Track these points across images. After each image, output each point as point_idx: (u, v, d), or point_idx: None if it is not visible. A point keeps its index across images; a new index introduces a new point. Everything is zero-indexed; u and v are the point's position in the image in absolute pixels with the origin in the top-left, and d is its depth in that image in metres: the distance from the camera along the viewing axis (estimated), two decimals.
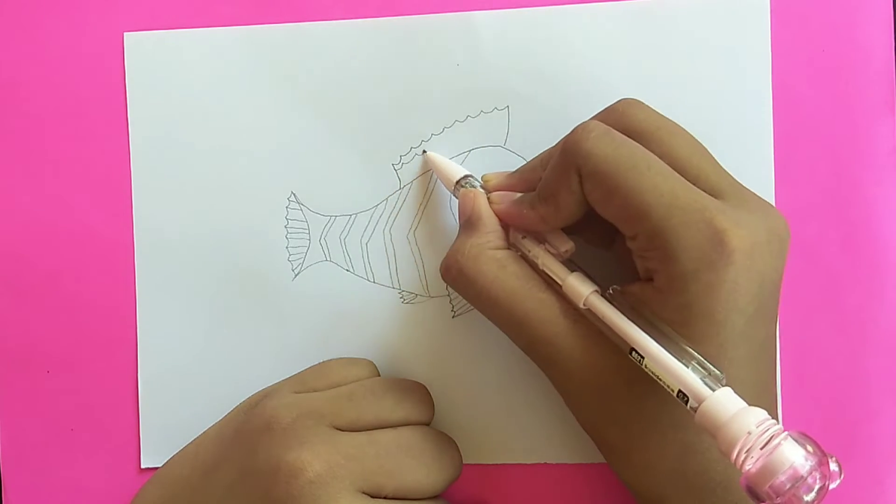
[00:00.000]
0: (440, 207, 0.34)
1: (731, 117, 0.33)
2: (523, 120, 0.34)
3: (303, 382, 0.32)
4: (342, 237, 0.34)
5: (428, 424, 0.31)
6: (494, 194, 0.31)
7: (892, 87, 0.32)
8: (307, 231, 0.35)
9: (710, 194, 0.27)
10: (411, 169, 0.34)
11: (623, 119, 0.28)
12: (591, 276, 0.28)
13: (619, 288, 0.27)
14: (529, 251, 0.29)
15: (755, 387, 0.26)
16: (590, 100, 0.33)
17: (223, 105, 0.35)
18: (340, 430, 0.29)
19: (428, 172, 0.34)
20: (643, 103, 0.29)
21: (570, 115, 0.33)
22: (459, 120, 0.34)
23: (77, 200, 0.35)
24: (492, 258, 0.29)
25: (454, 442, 0.31)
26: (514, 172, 0.31)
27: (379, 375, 0.33)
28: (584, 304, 0.27)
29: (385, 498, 0.28)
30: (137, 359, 0.35)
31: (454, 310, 0.34)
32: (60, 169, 0.35)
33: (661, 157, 0.27)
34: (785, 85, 0.33)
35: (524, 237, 0.30)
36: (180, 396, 0.35)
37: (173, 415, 0.35)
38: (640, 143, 0.27)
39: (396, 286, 0.34)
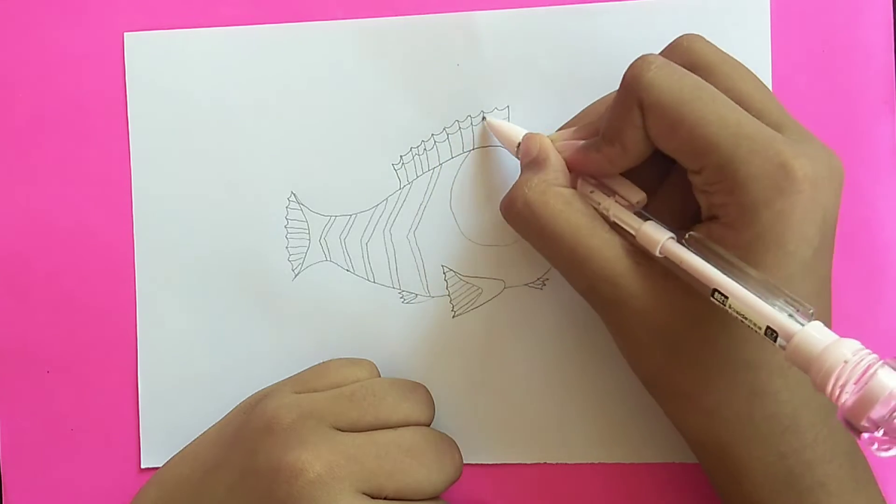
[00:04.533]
0: (440, 207, 0.34)
1: None
2: (523, 120, 0.34)
3: (303, 382, 0.32)
4: (342, 237, 0.34)
5: (428, 425, 0.31)
6: (558, 143, 0.30)
7: (892, 87, 0.32)
8: (307, 231, 0.35)
9: (772, 129, 0.26)
10: (411, 169, 0.34)
11: (687, 54, 0.28)
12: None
13: (695, 234, 0.27)
14: (599, 203, 0.29)
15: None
16: (590, 100, 0.33)
17: (223, 105, 0.35)
18: (341, 430, 0.29)
19: (428, 172, 0.34)
20: (706, 38, 0.28)
21: (570, 115, 0.33)
22: (459, 120, 0.34)
23: (77, 200, 0.35)
24: (559, 193, 0.29)
25: (454, 442, 0.31)
26: (571, 126, 0.31)
27: (379, 376, 0.33)
28: (661, 252, 0.27)
29: (385, 498, 0.28)
30: (137, 359, 0.35)
31: (454, 310, 0.34)
32: (60, 169, 0.35)
33: (725, 92, 0.27)
34: (785, 84, 0.33)
35: (592, 191, 0.29)
36: (180, 396, 0.35)
37: (173, 415, 0.35)
38: (704, 78, 0.27)
39: (396, 286, 0.34)
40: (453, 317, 0.34)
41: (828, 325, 0.27)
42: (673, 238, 0.27)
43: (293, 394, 0.31)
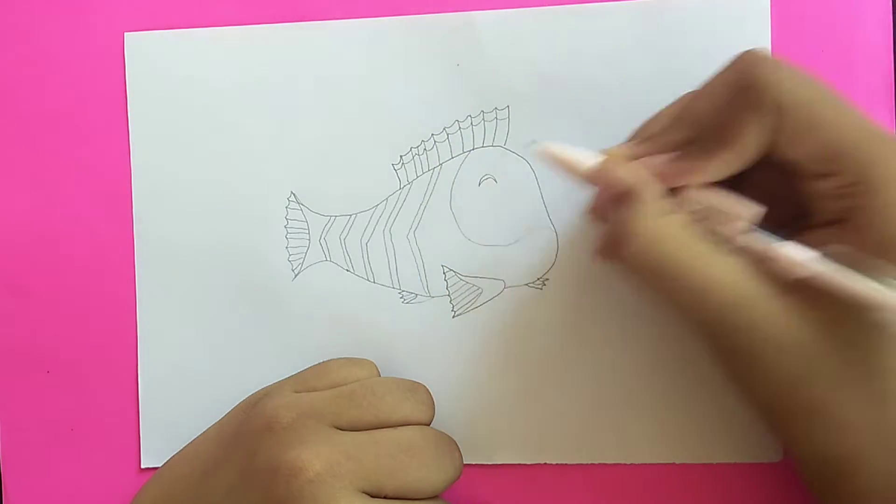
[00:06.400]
0: (440, 207, 0.34)
1: None
2: (523, 120, 0.34)
3: (303, 382, 0.32)
4: (342, 237, 0.35)
5: (428, 424, 0.31)
6: (643, 160, 0.28)
7: (892, 88, 0.32)
8: (307, 231, 0.35)
9: None
10: (411, 169, 0.34)
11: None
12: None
13: (837, 249, 0.25)
14: (721, 233, 0.27)
15: None
16: (590, 99, 0.33)
17: (223, 105, 0.35)
18: (341, 429, 0.29)
19: (428, 172, 0.34)
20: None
21: (570, 114, 0.33)
22: (459, 120, 0.34)
23: (77, 200, 0.35)
24: (674, 222, 0.27)
25: (454, 442, 0.31)
26: (642, 141, 0.29)
27: (379, 375, 0.33)
28: (811, 272, 0.25)
29: (385, 497, 0.28)
30: (137, 359, 0.35)
31: (454, 310, 0.34)
32: (60, 169, 0.35)
33: None
34: None
35: (704, 216, 0.27)
36: (180, 396, 0.35)
37: (173, 415, 0.35)
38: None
39: (396, 286, 0.34)
40: (453, 317, 0.34)
41: None
42: (821, 257, 0.25)
43: (293, 393, 0.31)
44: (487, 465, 0.34)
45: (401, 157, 0.34)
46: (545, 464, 0.34)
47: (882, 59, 0.32)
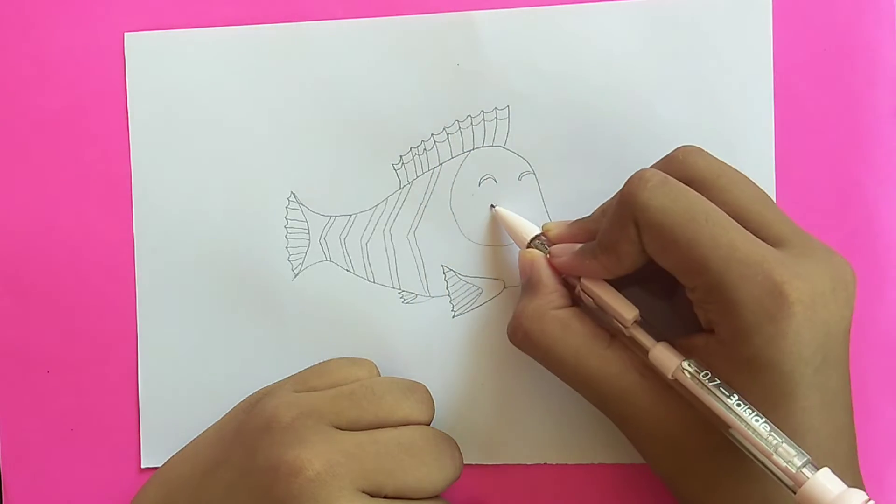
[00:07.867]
0: (440, 207, 0.34)
1: (732, 117, 0.33)
2: (523, 120, 0.34)
3: (303, 381, 0.32)
4: (342, 237, 0.34)
5: (428, 424, 0.31)
6: (555, 247, 0.31)
7: (895, 87, 0.32)
8: (307, 231, 0.35)
9: (772, 243, 0.26)
10: (411, 169, 0.34)
11: (683, 167, 0.28)
12: (655, 329, 0.28)
13: (699, 367, 0.27)
14: (612, 325, 0.29)
15: (830, 435, 0.26)
16: (590, 99, 0.33)
17: (223, 105, 0.35)
18: (340, 429, 0.29)
19: (428, 172, 0.34)
20: (704, 150, 0.29)
21: (570, 114, 0.33)
22: (459, 120, 0.34)
23: (77, 200, 0.35)
24: (554, 318, 0.29)
25: (454, 442, 0.31)
26: (575, 222, 0.32)
27: (379, 375, 0.33)
28: (672, 376, 0.27)
29: (385, 497, 0.28)
30: (137, 359, 0.35)
31: (454, 310, 0.34)
32: (60, 169, 0.35)
33: (721, 206, 0.27)
34: (787, 85, 0.33)
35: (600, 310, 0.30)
36: (180, 396, 0.35)
37: (173, 415, 0.35)
38: (701, 192, 0.27)
39: (396, 286, 0.34)
40: (453, 317, 0.34)
41: (848, 431, 0.27)
42: (684, 368, 0.27)
43: (293, 392, 0.31)
44: (487, 465, 0.34)
45: (401, 157, 0.34)
46: (545, 464, 0.34)
47: (885, 59, 0.32)
